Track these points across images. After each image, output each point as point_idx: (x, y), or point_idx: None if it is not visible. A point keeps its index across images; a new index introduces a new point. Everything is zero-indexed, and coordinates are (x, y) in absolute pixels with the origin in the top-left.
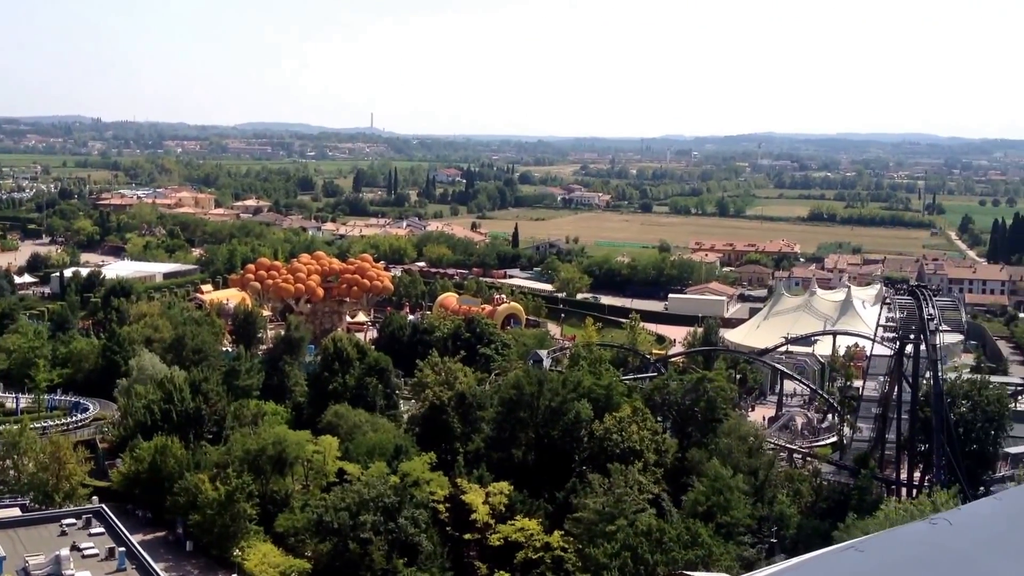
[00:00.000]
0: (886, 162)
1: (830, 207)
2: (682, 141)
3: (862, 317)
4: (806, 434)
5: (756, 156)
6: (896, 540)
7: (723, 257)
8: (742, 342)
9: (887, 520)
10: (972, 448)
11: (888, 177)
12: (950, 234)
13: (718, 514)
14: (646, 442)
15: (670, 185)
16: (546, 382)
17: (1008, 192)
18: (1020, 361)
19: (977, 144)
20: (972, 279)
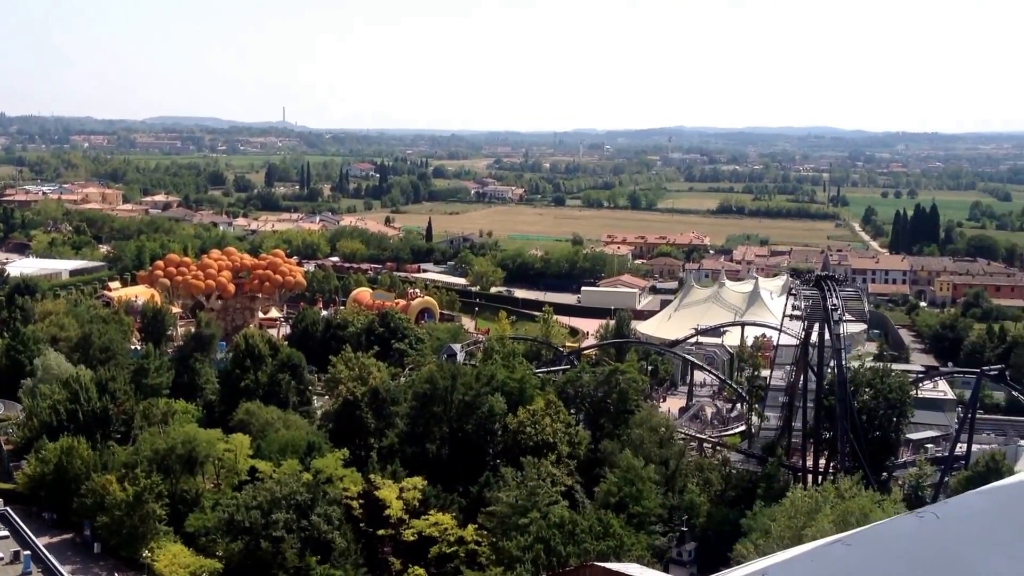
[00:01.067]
0: (792, 155)
1: (739, 200)
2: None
3: (769, 308)
4: (716, 423)
5: (667, 150)
6: (883, 534)
7: (635, 250)
8: (654, 334)
9: (793, 507)
10: (875, 435)
11: (794, 170)
12: (854, 225)
13: (630, 504)
14: (559, 434)
15: (583, 179)
16: (460, 376)
17: (909, 184)
18: (921, 349)
19: (879, 137)
20: (875, 269)
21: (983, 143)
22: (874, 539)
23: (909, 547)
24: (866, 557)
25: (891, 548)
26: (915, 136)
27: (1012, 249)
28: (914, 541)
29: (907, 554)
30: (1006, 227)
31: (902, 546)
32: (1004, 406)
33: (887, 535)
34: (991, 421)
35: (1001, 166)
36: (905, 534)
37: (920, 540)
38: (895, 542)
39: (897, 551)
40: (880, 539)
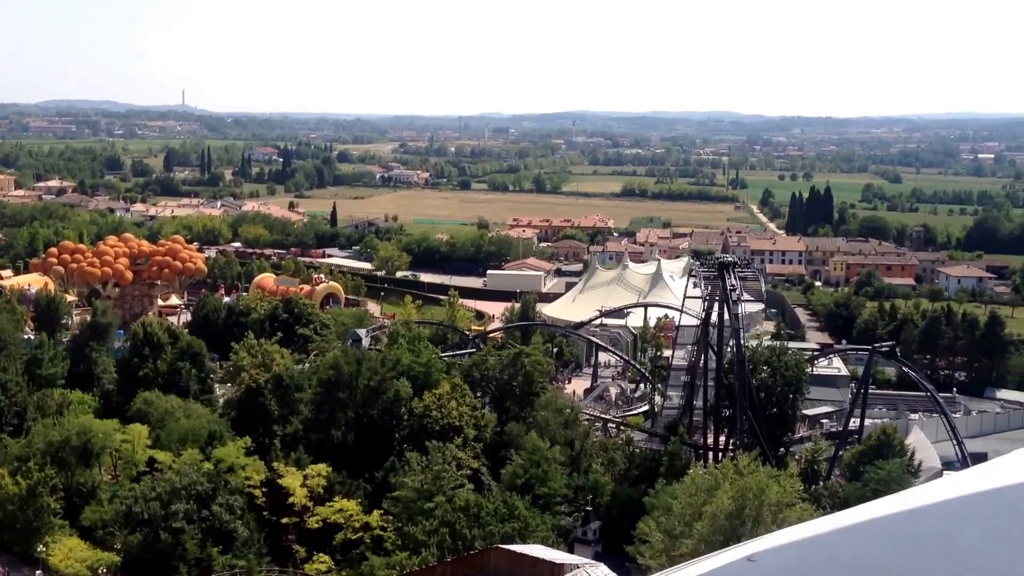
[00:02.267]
0: (693, 139)
1: (641, 183)
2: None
3: (671, 289)
4: (620, 404)
5: (571, 134)
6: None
7: (540, 233)
8: (559, 316)
9: (693, 484)
10: (773, 412)
11: (695, 154)
12: (752, 208)
13: (536, 486)
14: (465, 418)
15: (488, 162)
16: (365, 361)
17: (805, 167)
18: (817, 327)
19: (776, 122)
20: (772, 250)
21: (875, 127)
22: (865, 520)
23: (899, 530)
24: (855, 540)
25: (881, 531)
26: (810, 120)
27: (902, 229)
28: (904, 524)
29: (896, 537)
30: (896, 208)
31: (893, 529)
32: (895, 381)
33: (879, 514)
34: (883, 396)
35: (892, 149)
36: (896, 518)
37: (910, 523)
38: (885, 525)
39: (888, 534)
40: (872, 520)
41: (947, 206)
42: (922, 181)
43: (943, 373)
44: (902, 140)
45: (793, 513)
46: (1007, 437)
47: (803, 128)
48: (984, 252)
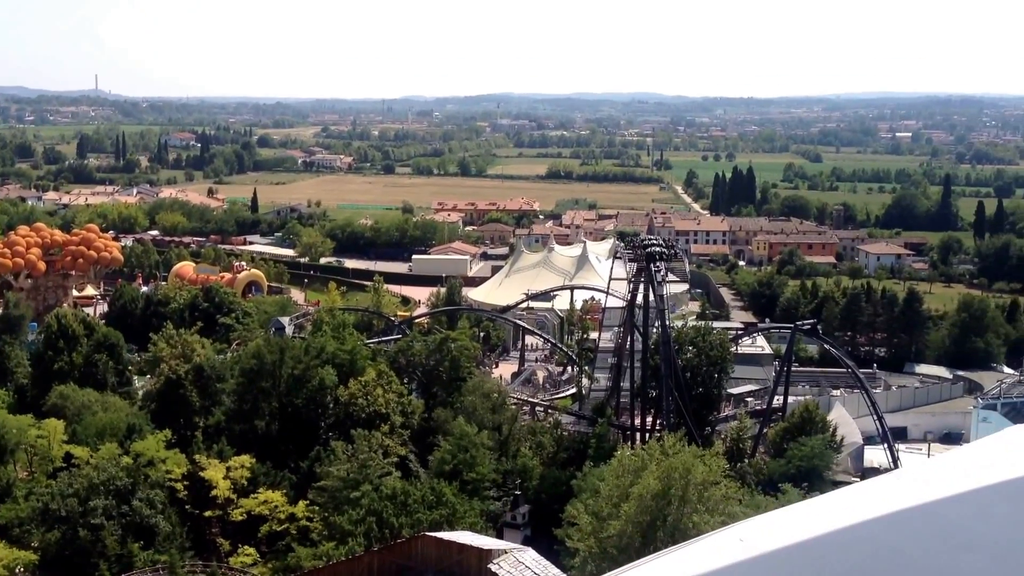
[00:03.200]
0: (618, 120)
1: (567, 165)
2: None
3: (597, 271)
4: (548, 387)
5: (496, 116)
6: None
7: (465, 216)
8: (485, 300)
9: (620, 466)
10: (698, 391)
11: (620, 135)
12: (677, 188)
13: (464, 471)
14: (392, 405)
15: (412, 146)
16: (288, 350)
17: (727, 147)
18: (741, 307)
19: (699, 102)
20: (697, 231)
21: (795, 107)
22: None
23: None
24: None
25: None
26: (732, 101)
27: (823, 208)
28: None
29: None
30: (817, 187)
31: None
32: (817, 359)
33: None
34: (806, 373)
35: (812, 128)
36: (887, 495)
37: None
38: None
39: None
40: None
41: (866, 184)
42: (842, 160)
43: (864, 349)
44: (822, 120)
45: (718, 491)
46: (925, 411)
47: (726, 109)
48: (902, 229)
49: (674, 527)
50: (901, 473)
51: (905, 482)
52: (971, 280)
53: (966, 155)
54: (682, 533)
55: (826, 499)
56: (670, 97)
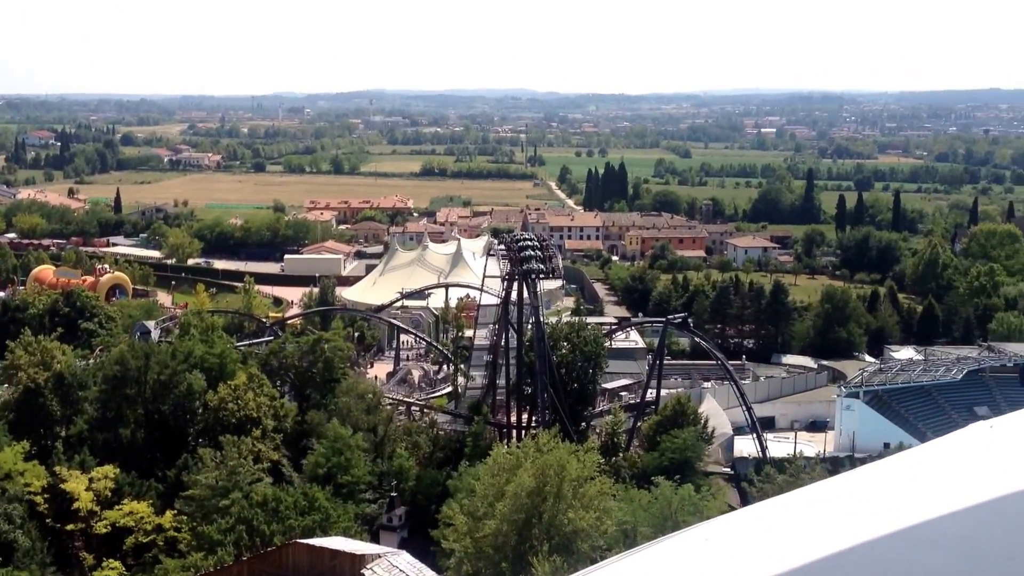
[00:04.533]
0: (491, 117)
1: (441, 162)
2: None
3: (472, 268)
4: (423, 386)
5: (369, 113)
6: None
7: (339, 215)
8: (359, 299)
9: (495, 464)
10: (573, 387)
11: (493, 132)
12: (551, 184)
13: (339, 475)
14: (264, 408)
15: (283, 144)
16: (154, 355)
17: (600, 143)
18: (615, 301)
19: (572, 99)
20: (571, 226)
21: (665, 103)
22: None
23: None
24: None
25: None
26: (604, 97)
27: (692, 203)
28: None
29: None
30: (687, 182)
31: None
32: (689, 351)
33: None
34: (678, 366)
35: (681, 124)
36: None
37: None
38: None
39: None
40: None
41: (733, 179)
42: (710, 155)
43: (733, 341)
44: (691, 116)
45: (593, 487)
46: (792, 400)
47: (598, 105)
48: (768, 223)
49: (549, 524)
50: (862, 472)
51: (868, 480)
52: (833, 271)
53: (827, 150)
54: (557, 530)
55: (793, 496)
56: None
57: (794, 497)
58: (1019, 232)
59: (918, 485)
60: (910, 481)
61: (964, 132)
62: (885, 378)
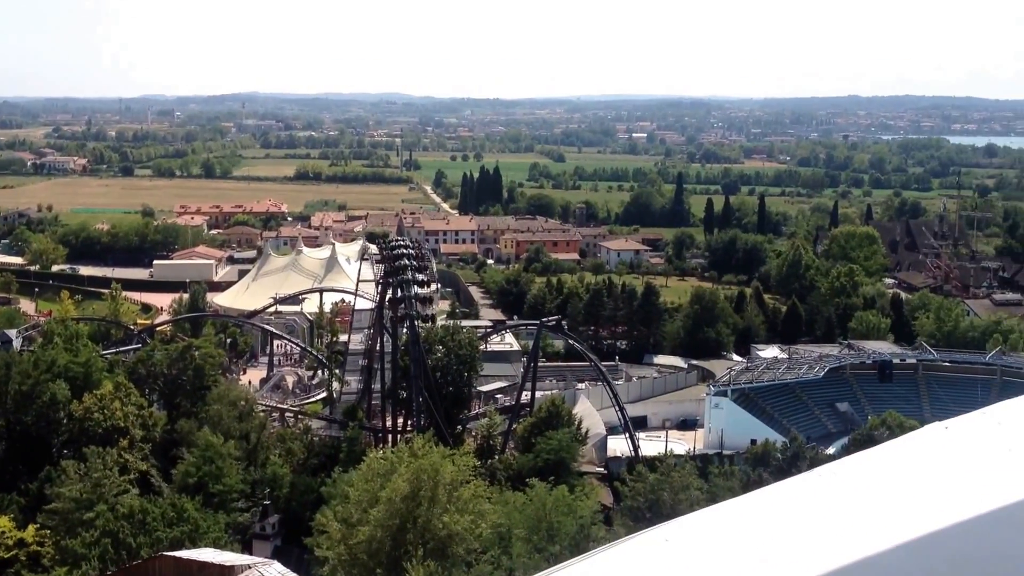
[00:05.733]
0: (366, 121)
1: (315, 166)
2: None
3: (347, 273)
4: (298, 392)
5: (241, 116)
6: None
7: (210, 220)
8: (232, 305)
9: (369, 470)
10: (449, 390)
11: (369, 136)
12: (426, 188)
13: (210, 484)
14: (131, 418)
15: (153, 147)
16: (15, 364)
17: (475, 147)
18: (490, 304)
19: (447, 103)
20: (446, 230)
21: (539, 108)
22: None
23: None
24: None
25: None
26: (479, 102)
27: (566, 206)
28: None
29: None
30: (561, 186)
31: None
32: (563, 353)
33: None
34: (552, 368)
35: (555, 129)
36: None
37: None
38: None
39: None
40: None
41: (606, 183)
42: (583, 159)
43: (607, 342)
44: (564, 121)
45: (467, 491)
46: (663, 400)
47: (473, 109)
48: (640, 226)
49: (424, 528)
50: (821, 472)
51: (826, 481)
52: (702, 273)
53: (696, 155)
54: (432, 534)
55: (754, 496)
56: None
57: (755, 497)
58: (876, 234)
59: (876, 487)
60: (868, 483)
61: (825, 138)
62: (751, 376)
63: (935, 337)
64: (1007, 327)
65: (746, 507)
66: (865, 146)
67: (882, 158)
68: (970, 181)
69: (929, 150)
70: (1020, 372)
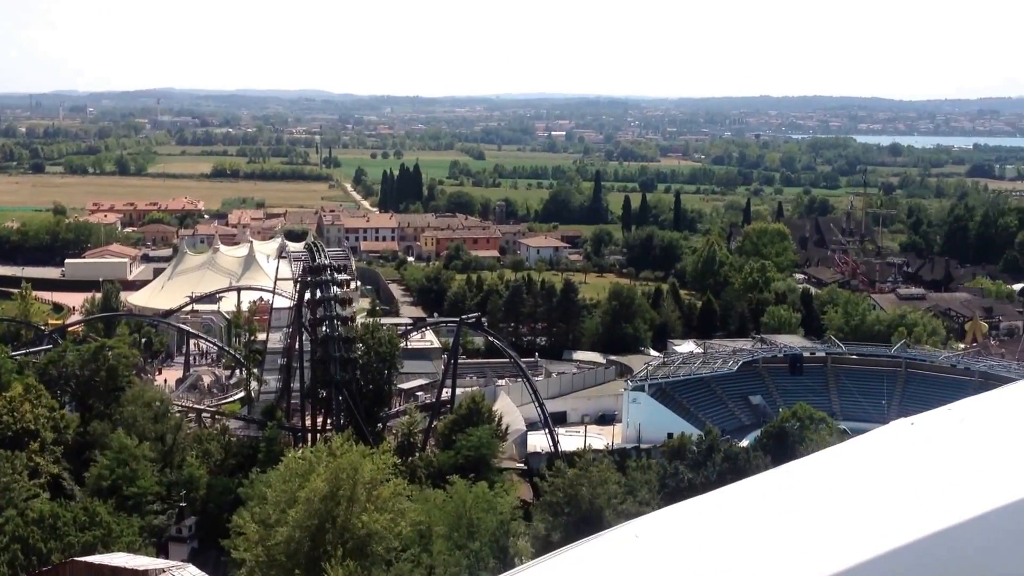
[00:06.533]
0: (285, 118)
1: (233, 163)
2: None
3: (265, 271)
4: (215, 392)
5: (156, 112)
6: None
7: (124, 217)
8: (147, 304)
9: (287, 470)
10: (369, 388)
11: (288, 133)
12: (346, 186)
13: (124, 486)
14: (42, 420)
15: (64, 144)
16: None
17: (395, 145)
18: (410, 302)
19: (367, 100)
20: (367, 228)
21: (459, 106)
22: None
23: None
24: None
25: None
26: (399, 99)
27: (486, 204)
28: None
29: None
30: (481, 184)
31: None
32: (483, 350)
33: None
34: (473, 365)
35: (475, 127)
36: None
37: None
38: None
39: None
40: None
41: (526, 180)
42: (503, 157)
43: (527, 339)
44: (484, 119)
45: (387, 489)
46: (582, 395)
47: (393, 107)
48: (559, 223)
49: (343, 528)
50: (783, 469)
51: (795, 476)
52: (620, 270)
53: (614, 153)
54: (351, 534)
55: (726, 491)
56: (338, 95)
57: (726, 493)
58: (787, 231)
59: (842, 483)
60: (835, 479)
61: (738, 137)
62: (668, 371)
63: (843, 331)
64: (911, 321)
65: (717, 503)
66: (776, 145)
67: (792, 157)
68: (876, 179)
69: (837, 149)
70: (923, 365)
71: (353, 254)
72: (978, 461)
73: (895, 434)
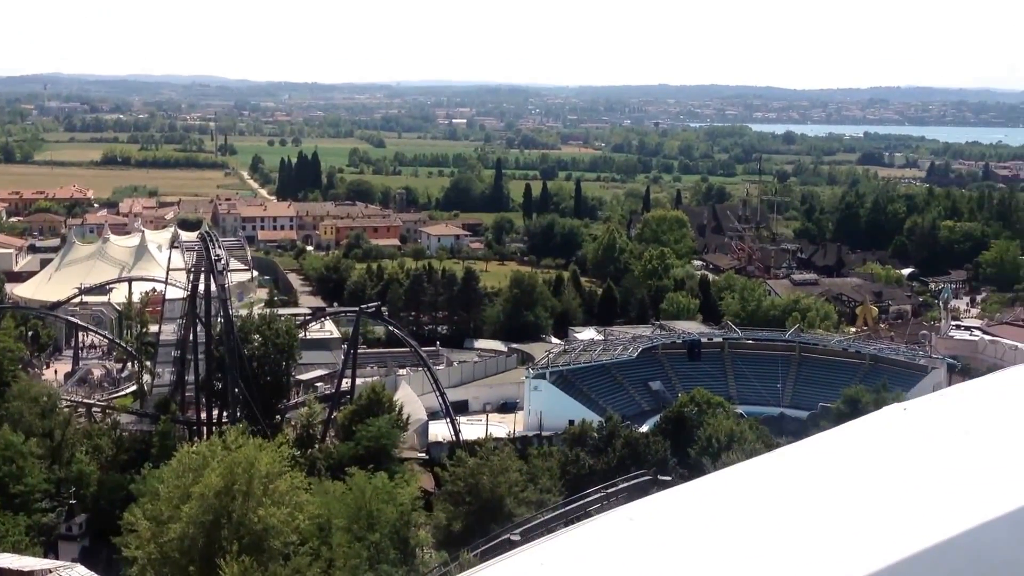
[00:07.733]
0: (179, 104)
1: (124, 150)
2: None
3: (158, 261)
4: (105, 386)
5: (43, 98)
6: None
7: (9, 206)
8: (33, 296)
9: (180, 465)
10: (267, 380)
11: (181, 119)
12: (243, 174)
13: (10, 485)
14: None
15: None
16: None
17: (294, 132)
18: (310, 292)
19: (264, 87)
20: (264, 217)
21: (358, 93)
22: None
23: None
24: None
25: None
26: (297, 86)
27: (387, 192)
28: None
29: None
30: (381, 172)
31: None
32: (384, 339)
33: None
34: (373, 354)
35: (375, 114)
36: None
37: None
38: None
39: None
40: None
41: (427, 168)
42: (403, 145)
43: (427, 328)
44: (384, 106)
45: (284, 482)
46: (484, 383)
47: (291, 94)
48: (460, 211)
49: (239, 523)
50: (778, 454)
51: (788, 463)
52: (522, 257)
53: (515, 140)
54: (247, 529)
55: (719, 476)
56: (233, 81)
57: (720, 477)
58: (686, 218)
59: (836, 468)
60: (828, 465)
61: (637, 125)
62: (569, 359)
63: (740, 316)
64: (804, 306)
65: (711, 487)
66: (675, 133)
67: (690, 145)
68: (771, 167)
69: (733, 137)
70: (816, 348)
71: (250, 243)
72: (972, 448)
73: (888, 420)
